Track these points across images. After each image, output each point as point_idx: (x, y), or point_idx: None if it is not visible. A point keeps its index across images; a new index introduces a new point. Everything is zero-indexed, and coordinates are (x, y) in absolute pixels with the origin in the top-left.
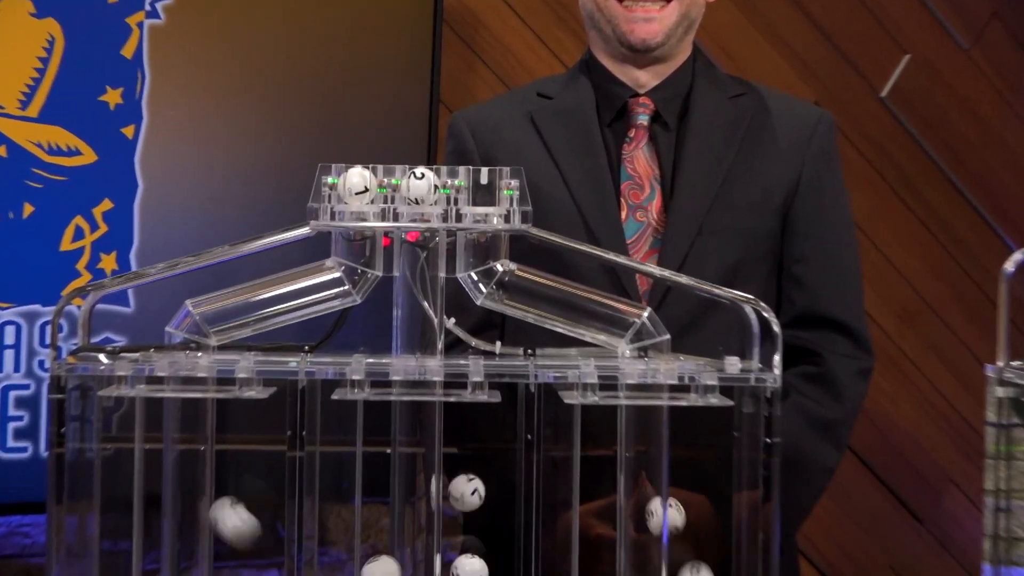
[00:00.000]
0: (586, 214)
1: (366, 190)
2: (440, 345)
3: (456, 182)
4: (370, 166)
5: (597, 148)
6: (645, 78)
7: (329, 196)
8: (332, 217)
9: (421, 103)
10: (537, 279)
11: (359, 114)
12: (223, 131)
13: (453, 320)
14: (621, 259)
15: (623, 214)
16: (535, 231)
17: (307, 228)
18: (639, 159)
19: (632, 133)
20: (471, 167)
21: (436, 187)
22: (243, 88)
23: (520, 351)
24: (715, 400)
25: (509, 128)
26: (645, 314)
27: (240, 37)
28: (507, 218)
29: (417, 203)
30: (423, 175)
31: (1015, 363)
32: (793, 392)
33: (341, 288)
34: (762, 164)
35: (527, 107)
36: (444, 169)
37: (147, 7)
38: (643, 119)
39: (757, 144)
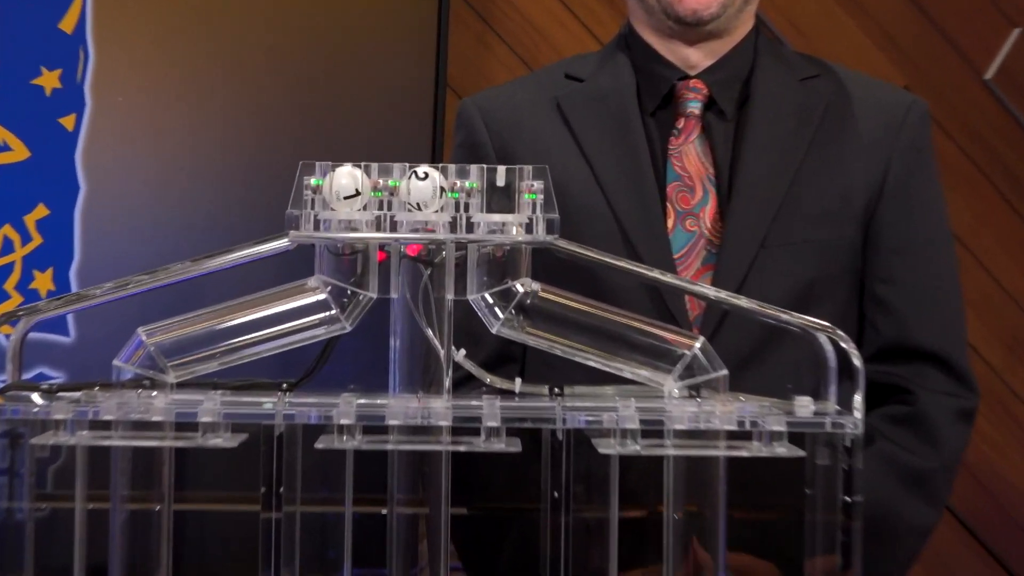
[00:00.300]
0: (625, 222)
1: (357, 193)
2: (447, 383)
3: (467, 184)
4: (362, 164)
5: (638, 142)
6: (696, 57)
7: (312, 201)
8: (316, 226)
9: (425, 87)
10: (566, 302)
11: (350, 101)
12: (184, 122)
13: (463, 352)
14: (668, 278)
15: (670, 222)
16: (563, 243)
17: (286, 240)
18: (689, 155)
19: (681, 123)
20: (485, 165)
21: (443, 190)
22: (210, 69)
23: (545, 389)
24: (783, 450)
25: (531, 117)
26: (697, 344)
27: (207, 7)
28: (529, 227)
29: (419, 209)
30: (426, 175)
31: None
32: (879, 438)
33: (327, 313)
34: (839, 161)
35: (553, 91)
36: (452, 168)
37: None
38: (694, 106)
39: (834, 137)
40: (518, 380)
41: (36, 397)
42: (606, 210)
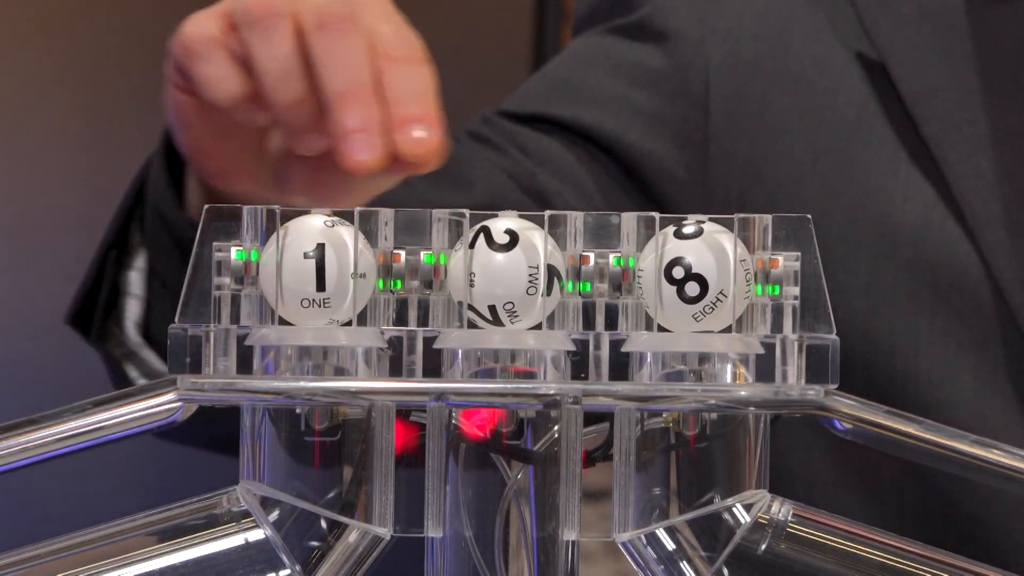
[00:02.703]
0: (1013, 299)
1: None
2: None
3: (612, 259)
4: (357, 211)
5: None
6: None
7: (232, 302)
8: (241, 365)
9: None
10: (862, 551)
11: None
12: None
13: None
14: None
15: None
16: (848, 404)
17: (171, 396)
18: None
19: None
20: (658, 216)
21: (553, 273)
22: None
23: None
24: None
25: (798, 36)
26: None
27: None
28: (765, 369)
29: (496, 321)
30: (513, 239)
31: None
32: None
33: None
34: None
35: None
36: (578, 219)
37: None
38: None
39: None
40: None
41: None
42: (971, 262)
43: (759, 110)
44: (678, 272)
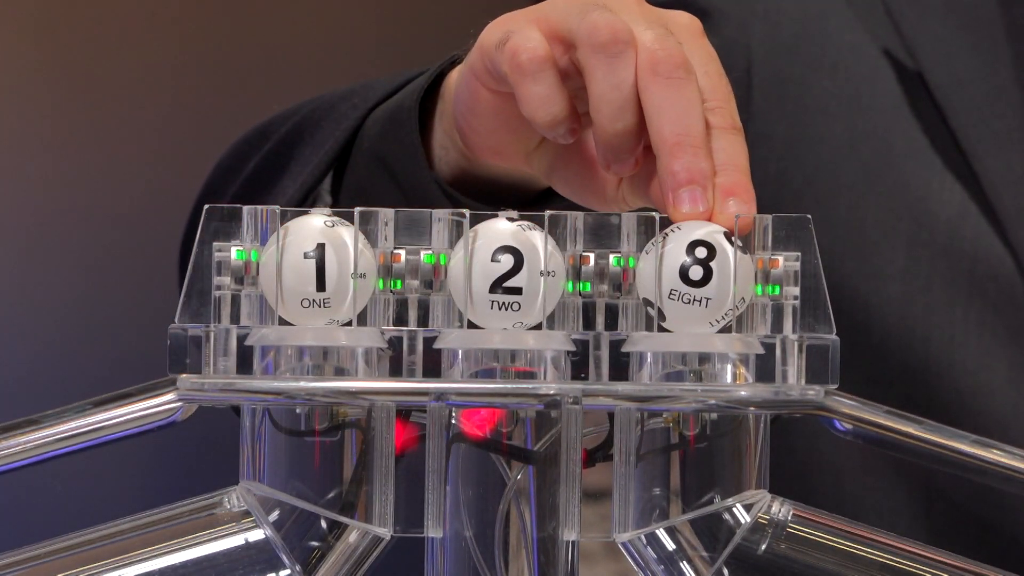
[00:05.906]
0: None
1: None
2: None
3: (612, 260)
4: (357, 211)
5: None
6: None
7: (232, 301)
8: (241, 363)
9: None
10: (864, 553)
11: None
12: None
13: None
14: None
15: None
16: (850, 405)
17: (171, 396)
18: None
19: None
20: (652, 215)
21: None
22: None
23: None
24: None
25: (834, 22)
26: None
27: None
28: (766, 369)
29: (512, 307)
30: (514, 246)
31: None
32: None
33: None
34: None
35: None
36: (578, 220)
37: None
38: None
39: None
40: None
41: None
42: (1004, 254)
43: (798, 92)
44: (696, 272)
